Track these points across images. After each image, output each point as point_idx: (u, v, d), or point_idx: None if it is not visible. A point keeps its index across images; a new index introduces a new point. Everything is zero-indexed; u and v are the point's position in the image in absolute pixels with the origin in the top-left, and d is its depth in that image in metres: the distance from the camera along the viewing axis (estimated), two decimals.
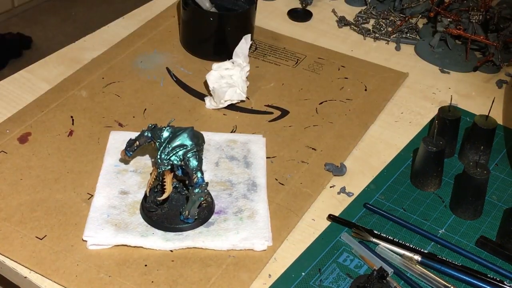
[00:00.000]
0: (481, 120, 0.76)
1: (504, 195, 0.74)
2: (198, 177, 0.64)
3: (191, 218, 0.65)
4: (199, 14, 0.89)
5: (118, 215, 0.66)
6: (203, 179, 0.64)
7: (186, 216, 0.65)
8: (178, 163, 0.64)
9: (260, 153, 0.75)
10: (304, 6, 1.06)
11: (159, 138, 0.66)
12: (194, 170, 0.64)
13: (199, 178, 0.64)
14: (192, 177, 0.64)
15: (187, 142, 0.65)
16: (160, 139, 0.65)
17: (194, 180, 0.64)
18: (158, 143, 0.66)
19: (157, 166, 0.65)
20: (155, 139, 0.66)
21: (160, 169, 0.64)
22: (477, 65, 0.94)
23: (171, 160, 0.64)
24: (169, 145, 0.65)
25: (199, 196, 0.64)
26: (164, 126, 0.67)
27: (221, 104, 0.82)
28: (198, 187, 0.64)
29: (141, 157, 0.74)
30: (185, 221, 0.66)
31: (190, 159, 0.64)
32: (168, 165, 0.64)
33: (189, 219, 0.66)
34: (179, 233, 0.65)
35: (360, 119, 0.83)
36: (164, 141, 0.65)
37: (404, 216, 0.70)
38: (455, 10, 0.98)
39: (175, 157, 0.64)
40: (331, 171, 0.74)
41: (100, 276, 0.61)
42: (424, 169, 0.73)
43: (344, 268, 0.64)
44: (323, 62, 0.93)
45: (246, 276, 0.62)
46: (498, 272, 0.65)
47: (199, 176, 0.64)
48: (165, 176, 0.65)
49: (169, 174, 0.65)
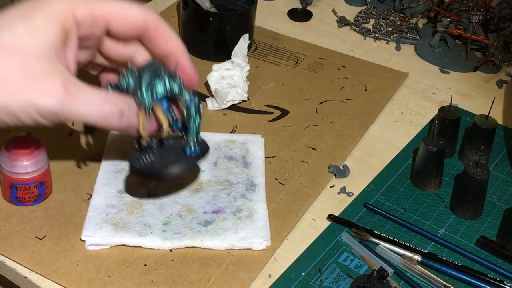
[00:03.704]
0: (481, 120, 0.76)
1: (504, 195, 0.74)
2: (188, 96, 0.60)
3: (197, 146, 0.62)
4: (199, 14, 0.89)
5: (116, 214, 0.66)
6: (193, 95, 0.60)
7: (192, 143, 0.61)
8: (162, 95, 0.59)
9: (259, 153, 0.75)
10: (304, 6, 1.06)
11: (126, 86, 0.59)
12: (180, 92, 0.60)
13: (190, 96, 0.60)
14: (182, 99, 0.60)
15: (158, 69, 0.59)
16: (127, 86, 0.59)
17: (186, 99, 0.60)
18: (131, 91, 0.59)
19: (143, 106, 0.59)
20: (123, 91, 0.60)
21: (146, 105, 0.59)
22: (477, 65, 0.94)
23: (155, 94, 0.59)
24: (142, 84, 0.59)
25: (197, 116, 0.60)
26: (123, 72, 0.60)
27: (224, 105, 0.82)
28: (193, 106, 0.60)
29: None
30: (192, 153, 0.62)
31: (173, 85, 0.59)
32: (154, 99, 0.59)
33: (196, 149, 0.62)
34: (178, 233, 0.65)
35: (360, 119, 0.83)
36: (136, 84, 0.59)
37: (404, 216, 0.70)
38: (455, 10, 0.98)
39: (156, 90, 0.59)
40: (334, 174, 0.74)
41: (100, 276, 0.61)
42: (424, 169, 0.73)
43: (344, 268, 0.64)
44: (323, 62, 0.93)
45: (246, 276, 0.62)
46: (498, 272, 0.65)
47: (188, 95, 0.60)
48: (155, 112, 0.60)
49: (158, 107, 0.60)
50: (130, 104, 0.58)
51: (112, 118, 0.56)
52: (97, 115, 0.55)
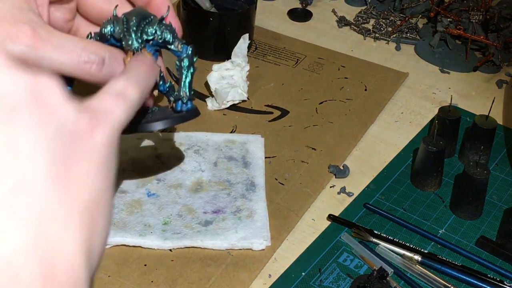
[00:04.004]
0: (481, 120, 0.76)
1: (504, 195, 0.74)
2: (180, 45, 0.56)
3: (189, 100, 0.58)
4: (199, 14, 0.89)
5: (116, 214, 0.66)
6: (186, 45, 0.56)
7: (185, 96, 0.57)
8: (153, 37, 0.56)
9: (259, 153, 0.75)
10: (304, 6, 1.06)
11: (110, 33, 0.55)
12: (172, 39, 0.56)
13: (182, 46, 0.56)
14: (174, 47, 0.56)
15: (147, 15, 0.56)
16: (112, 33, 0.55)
17: (178, 47, 0.56)
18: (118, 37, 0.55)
19: (132, 49, 0.55)
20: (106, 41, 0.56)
21: (135, 47, 0.55)
22: (477, 65, 0.94)
23: (145, 36, 0.55)
24: (131, 27, 0.55)
25: (190, 67, 0.57)
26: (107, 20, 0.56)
27: (224, 105, 0.82)
28: (185, 57, 0.57)
29: (139, 156, 0.74)
30: (184, 107, 0.58)
31: (163, 31, 0.56)
32: (144, 43, 0.55)
33: (189, 103, 0.58)
34: (178, 233, 0.65)
35: (360, 119, 0.83)
36: (122, 29, 0.55)
37: (404, 216, 0.70)
38: (455, 10, 0.98)
39: (146, 34, 0.55)
40: (334, 174, 0.74)
41: (100, 276, 0.61)
42: (424, 169, 0.73)
43: (344, 268, 0.64)
44: (323, 62, 0.93)
45: (246, 276, 0.62)
46: (498, 272, 0.65)
47: (181, 43, 0.56)
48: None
49: (148, 53, 0.56)
50: (112, 52, 0.53)
51: (91, 66, 0.51)
52: (73, 62, 0.50)
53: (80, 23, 0.60)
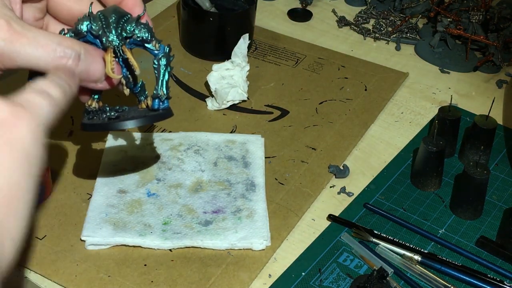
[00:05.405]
0: (481, 120, 0.76)
1: (504, 195, 0.74)
2: (157, 44, 0.57)
3: (166, 98, 0.58)
4: (199, 14, 0.89)
5: (116, 214, 0.66)
6: (163, 45, 0.57)
7: (162, 96, 0.58)
8: (130, 34, 0.56)
9: (259, 153, 0.75)
10: (304, 6, 1.06)
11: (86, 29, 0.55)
12: (150, 38, 0.57)
13: (159, 45, 0.57)
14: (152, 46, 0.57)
15: (124, 14, 0.56)
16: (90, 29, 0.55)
17: (156, 46, 0.57)
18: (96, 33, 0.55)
19: (112, 46, 0.55)
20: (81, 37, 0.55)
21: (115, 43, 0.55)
22: (477, 65, 0.94)
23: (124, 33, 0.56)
24: (110, 23, 0.55)
25: (167, 66, 0.58)
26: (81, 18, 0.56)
27: (224, 105, 0.82)
28: (163, 56, 0.57)
29: (139, 156, 0.74)
30: (161, 106, 0.58)
31: (141, 30, 0.56)
32: (123, 39, 0.56)
33: (166, 102, 0.58)
34: (178, 232, 0.65)
35: (360, 119, 0.83)
36: (100, 26, 0.55)
37: (404, 216, 0.70)
38: (455, 10, 0.98)
39: (125, 31, 0.56)
40: (334, 174, 0.74)
41: (100, 276, 0.61)
42: (424, 169, 0.73)
43: (344, 268, 0.64)
44: (323, 62, 0.93)
45: (246, 275, 0.62)
46: (498, 272, 0.65)
47: (157, 43, 0.57)
48: (124, 53, 0.56)
49: (128, 50, 0.57)
50: (87, 48, 0.53)
51: (67, 61, 0.51)
52: (49, 56, 0.49)
53: (50, 22, 0.60)
